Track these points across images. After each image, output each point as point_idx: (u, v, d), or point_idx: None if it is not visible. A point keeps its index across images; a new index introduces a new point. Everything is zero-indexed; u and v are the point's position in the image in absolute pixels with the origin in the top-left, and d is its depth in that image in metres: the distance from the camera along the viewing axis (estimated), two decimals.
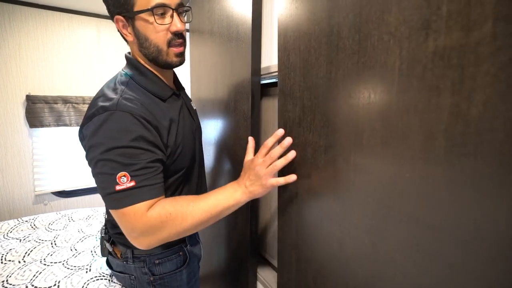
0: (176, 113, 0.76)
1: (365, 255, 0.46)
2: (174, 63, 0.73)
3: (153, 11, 0.65)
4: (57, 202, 1.95)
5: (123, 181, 0.59)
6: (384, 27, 0.40)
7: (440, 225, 0.34)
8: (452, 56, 0.31)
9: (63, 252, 1.21)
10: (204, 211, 0.63)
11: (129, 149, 0.60)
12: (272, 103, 0.94)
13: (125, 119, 0.62)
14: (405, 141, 0.38)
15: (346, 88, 0.47)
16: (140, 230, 0.60)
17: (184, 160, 0.78)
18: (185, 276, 0.87)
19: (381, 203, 0.42)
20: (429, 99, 0.34)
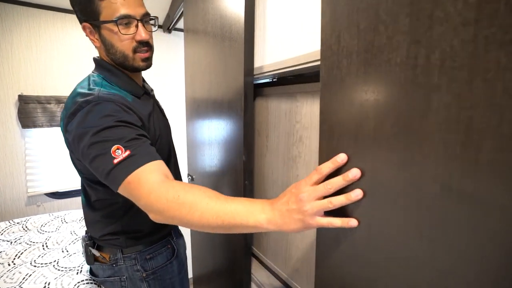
0: (151, 109, 0.83)
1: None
2: (141, 67, 0.79)
3: (117, 22, 0.71)
4: (50, 203, 1.98)
5: (118, 154, 0.61)
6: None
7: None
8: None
9: (54, 253, 1.23)
10: (217, 215, 0.52)
11: (116, 128, 0.64)
12: (266, 103, 0.97)
13: (108, 107, 0.66)
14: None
15: (446, 78, 0.31)
16: (147, 198, 0.57)
17: (163, 152, 0.83)
18: (175, 267, 0.93)
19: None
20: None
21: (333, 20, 0.47)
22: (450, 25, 0.31)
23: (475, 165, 0.30)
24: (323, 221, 0.46)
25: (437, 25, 0.32)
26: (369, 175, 0.42)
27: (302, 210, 0.45)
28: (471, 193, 0.31)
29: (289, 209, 0.47)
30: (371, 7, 0.40)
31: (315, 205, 0.45)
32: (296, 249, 0.85)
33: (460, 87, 0.31)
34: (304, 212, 0.45)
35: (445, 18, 0.31)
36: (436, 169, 0.34)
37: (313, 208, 0.45)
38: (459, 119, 0.31)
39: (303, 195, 0.45)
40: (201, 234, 1.43)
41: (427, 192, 0.35)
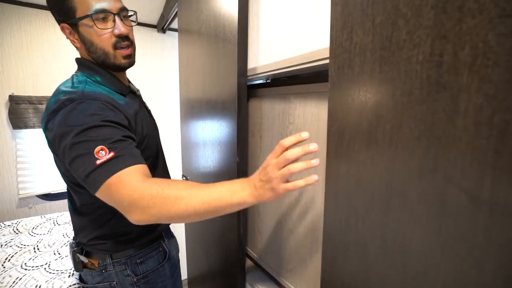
0: (137, 107, 0.77)
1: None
2: (123, 65, 0.73)
3: (92, 16, 0.66)
4: (42, 205, 1.84)
5: (101, 155, 0.56)
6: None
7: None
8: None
9: (45, 256, 1.13)
10: (202, 201, 0.52)
11: (101, 127, 0.58)
12: (259, 105, 0.91)
13: (93, 105, 0.60)
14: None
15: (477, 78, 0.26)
16: (130, 199, 0.53)
17: (152, 148, 0.79)
18: (168, 270, 0.86)
19: None
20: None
21: (344, 15, 0.40)
22: (485, 18, 0.26)
23: (511, 173, 0.25)
24: (289, 186, 0.50)
25: (468, 18, 0.27)
26: (384, 182, 0.36)
27: (270, 180, 0.50)
28: (505, 205, 0.26)
29: (261, 181, 0.52)
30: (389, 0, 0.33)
31: (278, 174, 0.49)
32: (290, 249, 0.80)
33: (495, 87, 0.25)
34: (271, 182, 0.50)
35: (478, 10, 0.26)
36: (462, 177, 0.28)
37: (277, 177, 0.49)
38: (492, 123, 0.26)
39: (269, 168, 0.50)
40: (195, 235, 1.35)
41: (451, 202, 0.29)
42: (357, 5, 0.38)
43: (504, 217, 0.26)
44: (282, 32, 0.70)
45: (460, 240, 0.29)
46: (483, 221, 0.27)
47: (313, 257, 0.70)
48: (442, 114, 0.29)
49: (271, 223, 0.88)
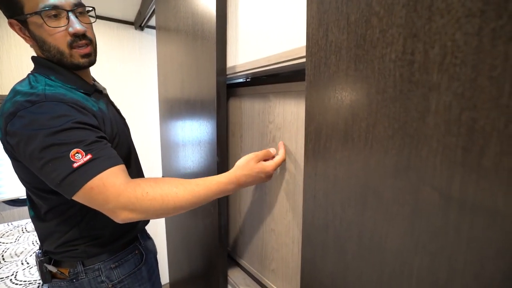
0: (104, 106, 0.73)
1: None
2: (82, 64, 0.66)
3: (41, 14, 0.59)
4: (9, 211, 1.72)
5: (78, 158, 0.53)
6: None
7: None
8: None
9: (11, 266, 1.05)
10: (189, 203, 0.57)
11: (73, 130, 0.55)
12: (239, 104, 0.89)
13: (58, 107, 0.56)
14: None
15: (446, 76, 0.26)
16: (115, 201, 0.53)
17: (122, 150, 0.74)
18: (145, 273, 0.82)
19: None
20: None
21: (320, 13, 0.40)
22: (452, 17, 0.26)
23: (478, 171, 0.26)
24: (275, 167, 0.65)
25: (437, 17, 0.27)
26: (360, 181, 0.36)
27: (269, 175, 0.65)
28: (474, 202, 0.26)
29: (258, 177, 0.63)
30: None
31: (274, 168, 0.64)
32: (271, 249, 0.79)
33: (463, 85, 0.26)
34: (269, 174, 0.65)
35: (446, 9, 0.26)
36: (434, 175, 0.29)
37: (273, 170, 0.65)
38: (460, 120, 0.26)
39: (270, 170, 0.64)
40: (176, 237, 1.32)
41: (424, 200, 0.30)
42: (332, 3, 0.38)
43: (473, 214, 0.26)
44: (260, 30, 0.69)
45: (432, 238, 0.29)
46: (453, 218, 0.27)
47: (294, 257, 0.70)
48: (414, 112, 0.29)
49: (252, 223, 0.87)
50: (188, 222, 1.11)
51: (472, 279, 0.27)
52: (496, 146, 0.24)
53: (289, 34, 0.58)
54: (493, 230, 0.25)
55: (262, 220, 0.82)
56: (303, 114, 0.62)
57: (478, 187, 0.26)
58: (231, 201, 0.98)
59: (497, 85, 0.24)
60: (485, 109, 0.25)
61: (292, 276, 0.72)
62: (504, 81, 0.23)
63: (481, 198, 0.25)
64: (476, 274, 0.26)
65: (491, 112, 0.24)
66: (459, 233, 0.27)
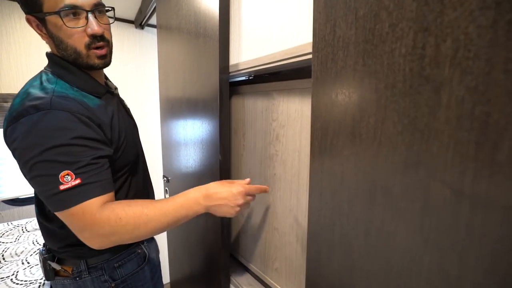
0: (115, 109, 0.72)
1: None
2: (97, 66, 0.66)
3: (60, 14, 0.58)
4: (9, 211, 1.71)
5: (67, 180, 0.53)
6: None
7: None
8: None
9: (12, 266, 1.04)
10: (159, 222, 0.59)
11: (70, 146, 0.54)
12: (242, 102, 0.89)
13: (61, 117, 0.55)
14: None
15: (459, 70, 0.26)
16: (91, 229, 0.55)
17: (130, 154, 0.74)
18: (148, 273, 0.82)
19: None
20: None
21: (327, 7, 0.39)
22: (466, 10, 0.25)
23: (492, 167, 0.25)
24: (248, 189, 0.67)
25: (449, 10, 0.26)
26: (367, 177, 0.36)
27: (234, 208, 0.64)
28: (487, 198, 0.26)
29: (227, 205, 0.64)
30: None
31: (245, 205, 0.67)
32: (274, 248, 0.79)
33: (476, 79, 0.25)
34: (234, 209, 0.64)
35: (459, 2, 0.26)
36: (445, 171, 0.28)
37: (243, 207, 0.67)
38: (473, 115, 0.26)
39: (240, 203, 0.65)
40: (177, 237, 1.31)
41: (434, 196, 0.29)
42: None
43: (485, 209, 0.26)
44: (264, 27, 0.68)
45: (443, 234, 0.29)
46: (465, 214, 0.27)
47: (298, 255, 0.70)
48: (424, 107, 0.29)
49: (255, 222, 0.87)
50: (190, 221, 1.11)
51: (483, 276, 0.26)
52: (511, 141, 0.24)
53: (294, 30, 0.58)
54: (506, 226, 0.25)
55: (265, 219, 0.82)
56: (307, 111, 0.62)
57: (492, 183, 0.25)
58: None
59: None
60: (499, 103, 0.24)
61: (296, 275, 0.72)
62: None
63: (494, 194, 0.25)
64: (488, 271, 0.26)
65: (506, 106, 0.24)
66: (471, 230, 0.27)
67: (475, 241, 0.27)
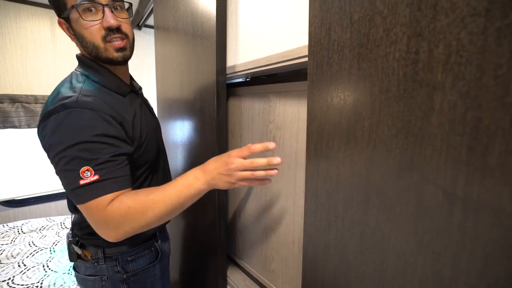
0: (138, 108, 0.75)
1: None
2: (116, 59, 0.68)
3: (77, 8, 0.62)
4: (5, 212, 1.70)
5: (86, 176, 0.57)
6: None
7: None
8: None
9: (8, 269, 1.03)
10: (164, 204, 0.59)
11: (92, 143, 0.58)
12: (239, 104, 0.89)
13: (85, 115, 0.59)
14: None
15: (451, 75, 0.26)
16: (104, 223, 0.58)
17: (151, 152, 0.77)
18: (158, 270, 0.85)
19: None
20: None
21: (323, 12, 0.40)
22: (457, 16, 0.26)
23: (483, 170, 0.26)
24: (245, 183, 0.59)
25: (441, 16, 0.27)
26: (362, 180, 0.36)
27: (230, 175, 0.58)
28: (478, 200, 0.26)
29: (220, 173, 0.59)
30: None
31: (240, 174, 0.57)
32: (271, 250, 0.79)
33: (468, 84, 0.26)
34: (231, 177, 0.58)
35: (451, 8, 0.26)
36: (438, 174, 0.29)
37: (238, 176, 0.58)
38: (465, 120, 0.26)
39: (233, 166, 0.57)
40: (175, 238, 1.31)
41: (428, 199, 0.30)
42: (335, 2, 0.38)
43: (478, 213, 0.26)
44: (261, 29, 0.69)
45: (436, 237, 0.29)
46: (457, 217, 0.27)
47: (295, 257, 0.70)
48: (418, 111, 0.29)
49: (252, 223, 0.87)
50: (188, 222, 1.11)
51: (476, 277, 0.27)
52: (501, 145, 0.24)
53: (290, 33, 0.58)
54: (498, 228, 0.25)
55: (262, 220, 0.82)
56: (304, 113, 0.62)
57: (483, 186, 0.26)
58: (231, 201, 0.98)
59: (502, 84, 0.24)
60: (490, 108, 0.25)
61: (292, 277, 0.72)
62: (509, 80, 0.23)
63: (486, 197, 0.26)
64: (480, 272, 0.27)
65: (496, 111, 0.24)
66: (463, 232, 0.27)
67: (467, 243, 0.27)
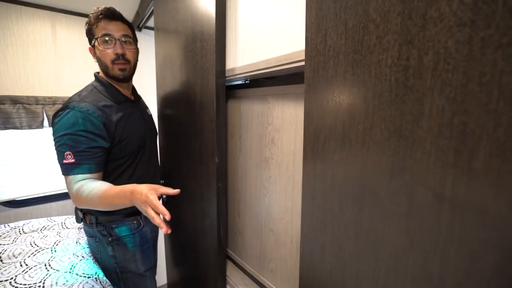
0: (127, 113, 1.00)
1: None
2: (118, 76, 0.97)
3: (98, 39, 0.92)
4: (5, 213, 1.71)
5: (68, 158, 0.84)
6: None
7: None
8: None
9: (10, 269, 1.04)
10: (102, 203, 0.82)
11: (75, 136, 0.84)
12: (238, 106, 0.90)
13: (76, 115, 0.85)
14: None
15: (439, 81, 0.27)
16: (70, 193, 0.86)
17: (131, 146, 1.00)
18: (138, 239, 1.07)
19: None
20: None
21: (319, 18, 0.41)
22: (445, 26, 0.27)
23: (469, 172, 0.27)
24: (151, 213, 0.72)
25: (430, 25, 0.28)
26: (357, 181, 0.38)
27: (144, 207, 0.73)
28: (465, 201, 0.27)
29: (139, 201, 0.74)
30: (360, 5, 0.35)
31: (148, 212, 0.72)
32: (270, 249, 0.80)
33: (454, 90, 0.27)
34: (144, 207, 0.73)
35: (439, 18, 0.28)
36: (428, 176, 0.30)
37: (147, 212, 0.72)
38: (452, 124, 0.28)
39: (144, 201, 0.73)
40: (174, 238, 1.32)
41: (418, 200, 0.31)
42: (331, 9, 0.39)
43: (464, 213, 0.27)
44: (260, 33, 0.70)
45: (426, 236, 0.30)
46: (446, 217, 0.29)
47: (293, 256, 0.71)
48: (409, 116, 0.31)
49: (251, 223, 0.88)
50: (187, 222, 1.12)
51: (464, 275, 0.28)
52: (486, 149, 0.25)
53: (288, 37, 0.60)
54: (483, 228, 0.26)
55: (261, 220, 0.83)
56: (302, 116, 0.64)
57: (469, 188, 0.27)
58: (230, 201, 0.99)
59: (486, 91, 0.25)
60: (475, 113, 0.26)
61: (290, 276, 0.73)
62: (492, 87, 0.25)
63: (471, 199, 0.27)
64: (468, 270, 0.28)
65: (481, 116, 0.26)
66: (451, 232, 0.29)
67: (455, 242, 0.28)
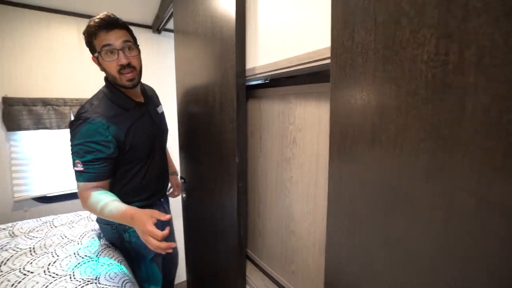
0: (136, 119, 1.03)
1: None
2: (127, 86, 0.98)
3: (101, 52, 0.92)
4: (37, 208, 1.82)
5: (78, 166, 0.91)
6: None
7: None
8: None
9: (43, 259, 1.11)
10: (105, 216, 0.88)
11: (85, 146, 0.91)
12: (258, 105, 0.90)
13: (88, 128, 0.91)
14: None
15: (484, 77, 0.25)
16: (79, 198, 0.93)
17: (142, 152, 1.06)
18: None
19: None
20: None
21: (345, 14, 0.40)
22: (490, 16, 0.25)
23: None
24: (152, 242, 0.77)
25: (473, 17, 0.26)
26: (388, 184, 0.36)
27: (143, 236, 0.79)
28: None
29: (138, 227, 0.80)
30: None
31: (147, 239, 0.78)
32: (291, 251, 0.79)
33: (502, 87, 0.25)
34: (143, 235, 0.79)
35: (483, 8, 0.25)
36: (470, 179, 0.28)
37: (146, 239, 0.78)
38: (500, 123, 0.25)
39: (143, 229, 0.78)
40: (194, 236, 1.34)
41: (459, 205, 0.29)
42: (359, 4, 0.38)
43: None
44: (280, 32, 0.69)
45: (469, 244, 0.28)
46: (493, 225, 0.26)
47: (315, 259, 0.70)
48: (448, 115, 0.29)
49: (272, 224, 0.87)
50: (207, 222, 1.13)
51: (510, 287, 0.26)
52: None
53: (311, 35, 0.58)
54: None
55: (282, 221, 0.82)
56: (325, 115, 0.62)
57: None
58: (250, 202, 0.99)
59: None
60: None
61: (313, 279, 0.72)
62: None
63: None
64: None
65: None
66: (497, 241, 0.26)
67: (503, 254, 0.26)
